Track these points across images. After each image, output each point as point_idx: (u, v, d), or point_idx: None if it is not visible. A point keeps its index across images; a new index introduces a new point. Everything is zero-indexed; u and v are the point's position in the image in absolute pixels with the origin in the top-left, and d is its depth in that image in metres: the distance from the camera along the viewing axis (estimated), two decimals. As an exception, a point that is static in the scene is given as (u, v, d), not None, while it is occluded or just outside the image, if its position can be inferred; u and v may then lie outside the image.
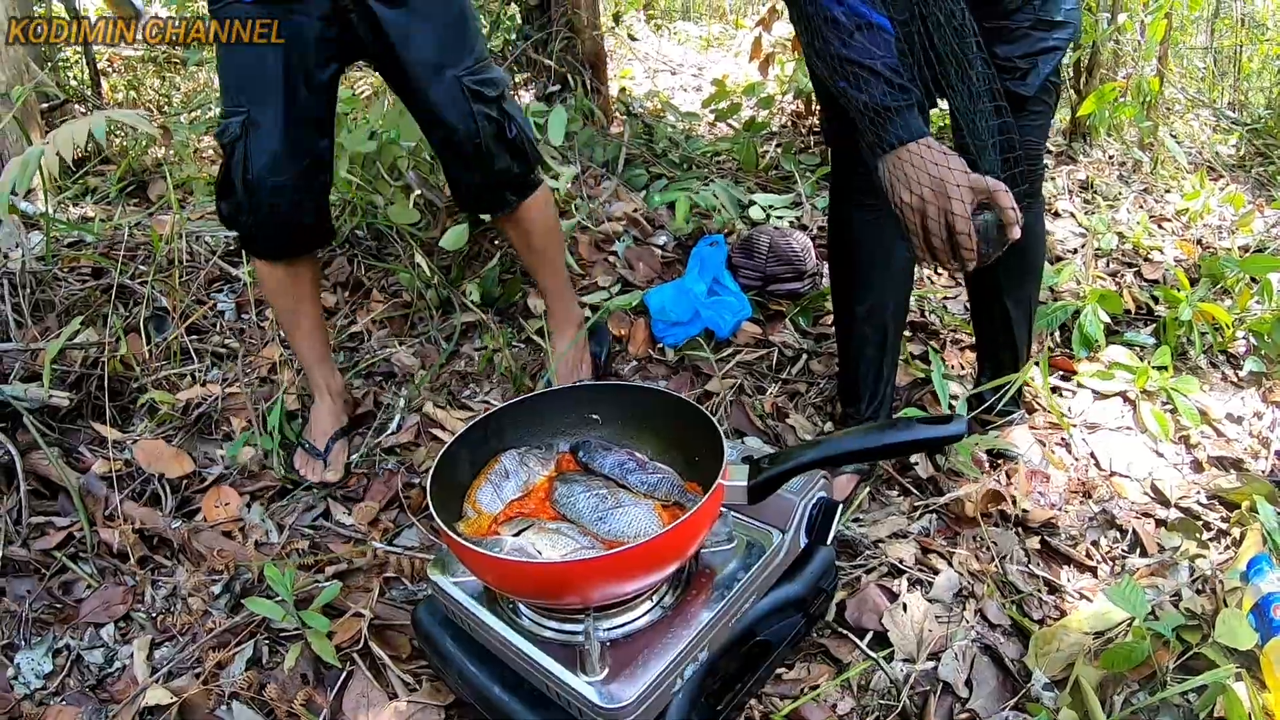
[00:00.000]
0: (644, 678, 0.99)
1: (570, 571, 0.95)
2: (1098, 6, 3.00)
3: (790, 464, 1.03)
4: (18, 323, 1.79)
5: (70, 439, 1.70)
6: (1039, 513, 1.57)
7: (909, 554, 1.49)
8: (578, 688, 0.98)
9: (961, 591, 1.42)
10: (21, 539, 1.49)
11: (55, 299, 1.88)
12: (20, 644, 1.36)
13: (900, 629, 1.33)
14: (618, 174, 2.66)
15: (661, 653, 1.02)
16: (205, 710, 1.26)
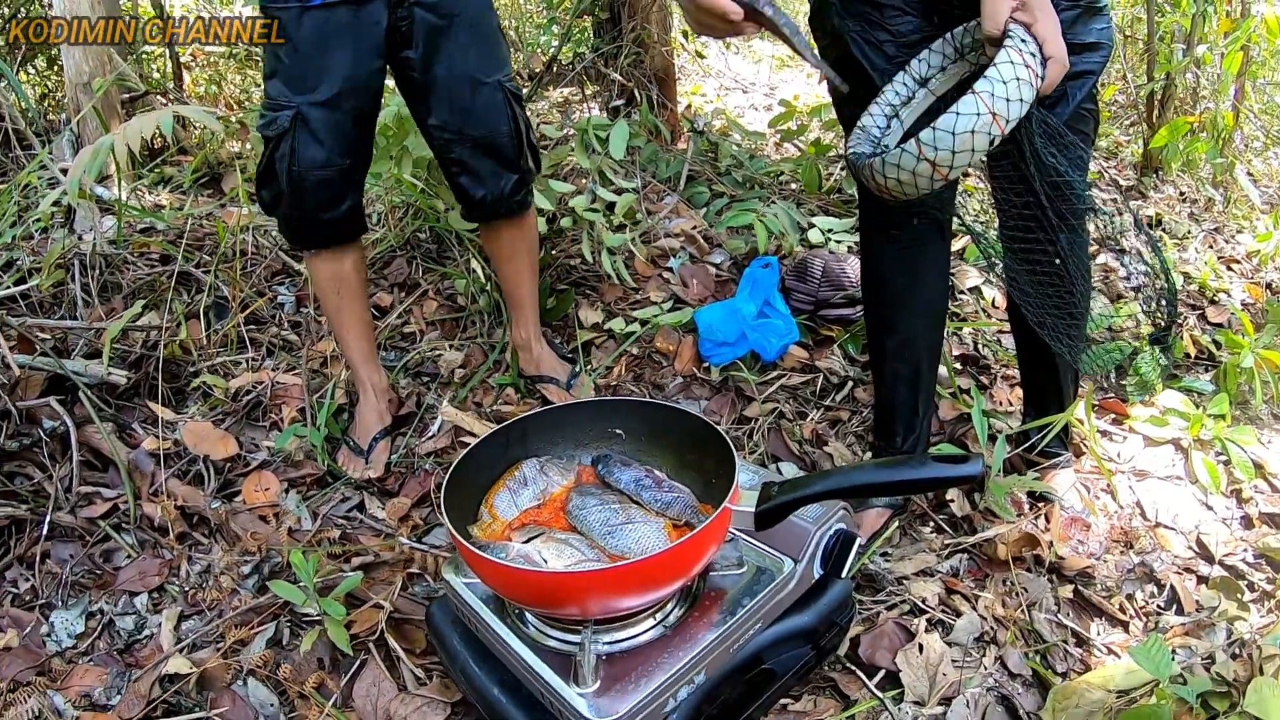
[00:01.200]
0: (636, 695, 0.99)
1: (566, 582, 0.97)
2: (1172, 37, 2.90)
3: (800, 493, 1.03)
4: (85, 302, 1.90)
5: (125, 415, 1.80)
6: (1075, 560, 1.52)
7: (933, 593, 1.46)
8: (568, 697, 0.99)
9: (983, 636, 1.38)
10: (70, 506, 1.57)
11: (123, 281, 1.99)
12: (57, 604, 1.44)
13: (913, 670, 1.31)
14: (679, 191, 2.68)
15: (657, 671, 1.02)
16: (222, 683, 1.31)
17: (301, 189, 1.55)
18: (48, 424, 1.66)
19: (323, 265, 1.69)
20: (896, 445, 1.63)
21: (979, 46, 1.20)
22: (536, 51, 3.18)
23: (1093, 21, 1.24)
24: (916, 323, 1.54)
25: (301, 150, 1.52)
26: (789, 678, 1.22)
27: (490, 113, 1.62)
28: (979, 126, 1.00)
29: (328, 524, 1.65)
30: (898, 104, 1.27)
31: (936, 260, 1.53)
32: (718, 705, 1.12)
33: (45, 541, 1.52)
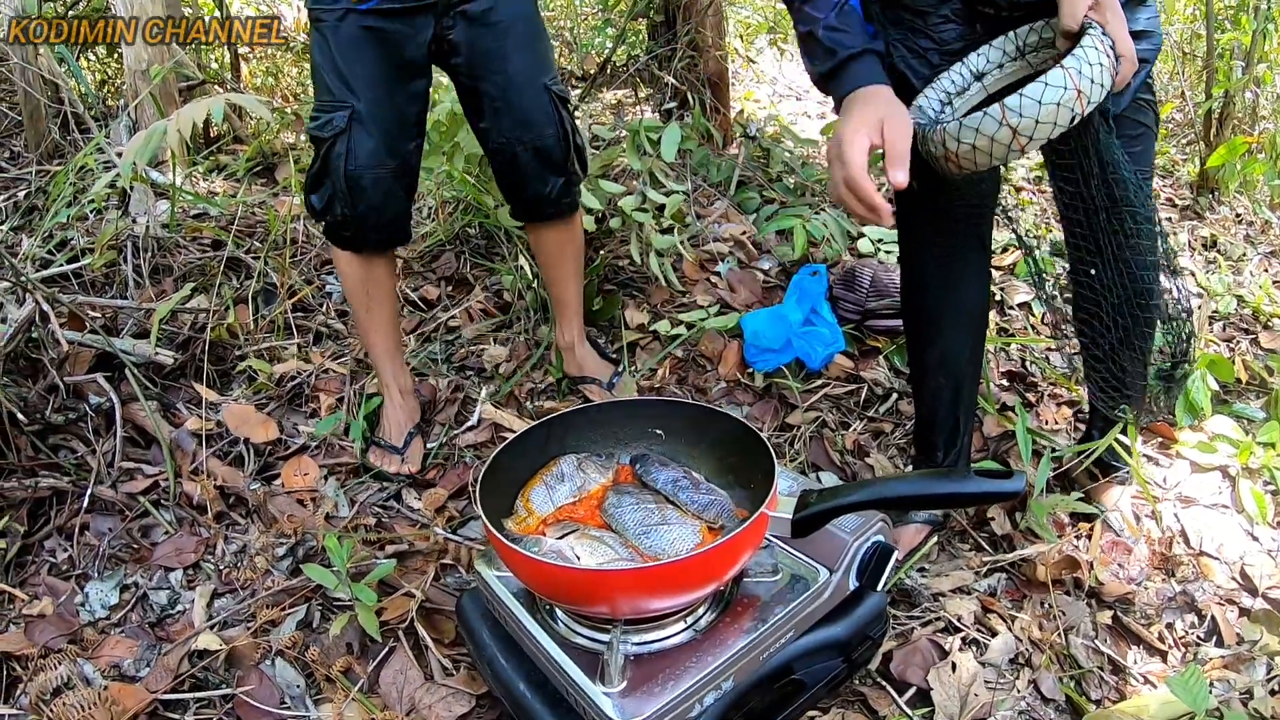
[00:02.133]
0: (661, 697, 0.97)
1: (597, 580, 0.95)
2: (1231, 55, 2.81)
3: (838, 502, 1.00)
4: (136, 283, 1.92)
5: (170, 395, 1.82)
6: (1115, 586, 1.46)
7: (969, 611, 1.41)
8: (594, 696, 0.97)
9: (1017, 659, 1.34)
10: (111, 481, 1.59)
11: (174, 265, 2.02)
12: (93, 576, 1.46)
13: (945, 688, 1.27)
14: (729, 195, 2.66)
15: (684, 675, 1.00)
16: (250, 662, 1.31)
17: (356, 189, 1.53)
18: (94, 400, 1.69)
19: (359, 267, 1.66)
20: (937, 460, 1.59)
21: (1042, 47, 1.21)
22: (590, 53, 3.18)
23: (1139, 11, 1.22)
24: (956, 336, 1.50)
25: (358, 148, 1.51)
26: (818, 689, 1.19)
27: (538, 116, 1.61)
28: (1064, 100, 1.02)
29: (364, 511, 1.65)
30: (953, 92, 1.26)
31: (977, 272, 1.49)
32: (745, 713, 1.10)
33: (85, 514, 1.54)
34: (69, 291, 1.87)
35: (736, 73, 3.74)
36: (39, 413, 1.62)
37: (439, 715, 1.24)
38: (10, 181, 2.23)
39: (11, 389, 1.61)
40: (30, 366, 1.69)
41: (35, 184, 2.19)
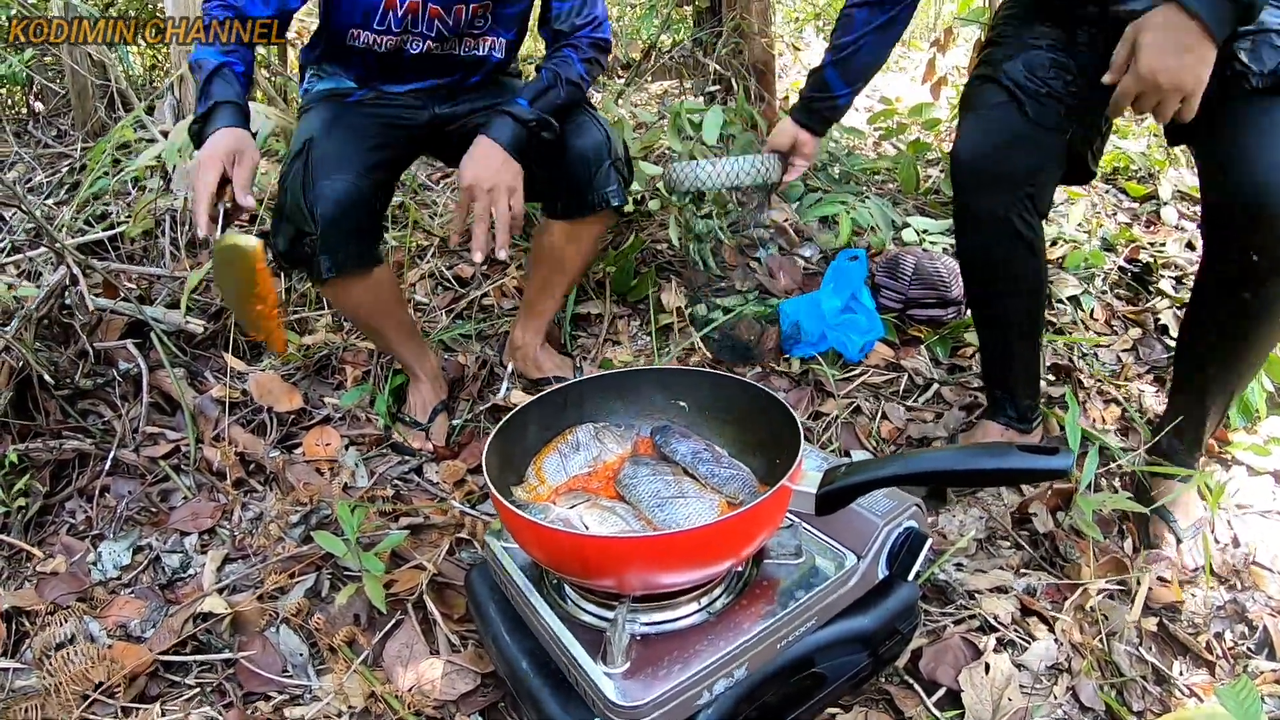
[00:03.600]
0: (667, 681, 0.88)
1: (602, 548, 0.86)
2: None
3: (867, 476, 0.89)
4: (173, 255, 1.90)
5: (198, 364, 1.78)
6: (1162, 592, 1.33)
7: (1006, 611, 1.29)
8: (594, 676, 0.89)
9: (1057, 665, 1.21)
10: (134, 445, 1.55)
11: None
12: (108, 536, 1.41)
13: (977, 691, 1.15)
14: (772, 182, 2.55)
15: (694, 659, 0.91)
16: (255, 628, 1.26)
17: (317, 196, 1.38)
18: (123, 366, 1.66)
19: (354, 290, 1.50)
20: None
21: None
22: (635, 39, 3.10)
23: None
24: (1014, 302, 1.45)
25: (315, 164, 1.39)
26: (840, 684, 1.09)
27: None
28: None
29: (383, 483, 1.59)
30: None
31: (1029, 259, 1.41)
32: (758, 706, 1.00)
33: (106, 476, 1.50)
34: (104, 258, 1.84)
35: (785, 66, 3.62)
36: (68, 377, 1.59)
37: (441, 692, 1.17)
38: (55, 157, 2.23)
39: (43, 353, 1.59)
40: (62, 332, 1.66)
41: (80, 161, 2.18)
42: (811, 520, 1.11)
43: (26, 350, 1.47)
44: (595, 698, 0.89)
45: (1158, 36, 1.04)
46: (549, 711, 0.97)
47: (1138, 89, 1.08)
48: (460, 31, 1.52)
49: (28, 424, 1.54)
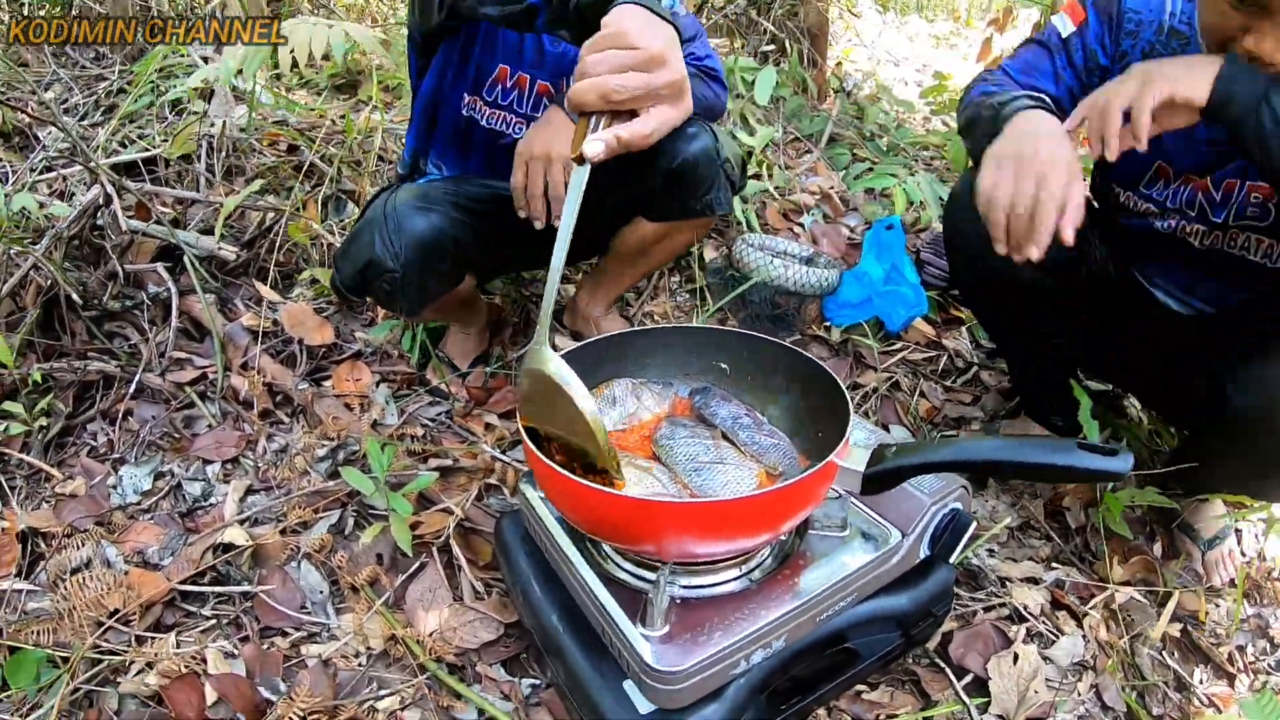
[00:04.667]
0: (706, 648, 0.83)
1: (639, 510, 0.80)
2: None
3: (919, 459, 0.83)
4: (209, 181, 1.83)
5: (230, 292, 1.72)
6: (1188, 599, 1.28)
7: (1036, 602, 1.25)
8: (632, 639, 0.84)
9: (1082, 662, 1.17)
10: (161, 369, 1.50)
11: (247, 166, 1.92)
12: (129, 460, 1.37)
13: (1003, 680, 1.11)
14: (820, 149, 2.47)
15: (734, 627, 0.86)
16: (276, 561, 1.22)
17: (395, 220, 1.30)
18: (152, 289, 1.60)
19: (423, 314, 1.47)
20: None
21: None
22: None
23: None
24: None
25: (399, 195, 1.33)
26: (872, 662, 1.05)
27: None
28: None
29: (413, 422, 1.53)
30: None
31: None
32: (789, 678, 0.96)
33: (131, 400, 1.45)
34: (139, 182, 1.77)
35: (836, 32, 3.50)
36: (97, 298, 1.53)
37: (462, 639, 1.13)
38: (92, 79, 2.15)
39: (72, 273, 1.53)
40: (93, 252, 1.60)
41: (116, 84, 2.10)
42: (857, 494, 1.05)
43: (55, 269, 1.41)
44: (631, 659, 0.85)
45: None
46: (579, 669, 0.92)
47: None
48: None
49: (53, 344, 1.49)
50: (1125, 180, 1.24)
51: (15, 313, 1.48)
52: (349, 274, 1.33)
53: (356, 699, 1.05)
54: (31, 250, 1.42)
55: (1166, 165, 1.18)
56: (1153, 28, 1.13)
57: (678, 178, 1.41)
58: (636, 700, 0.87)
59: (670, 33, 0.81)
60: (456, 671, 1.11)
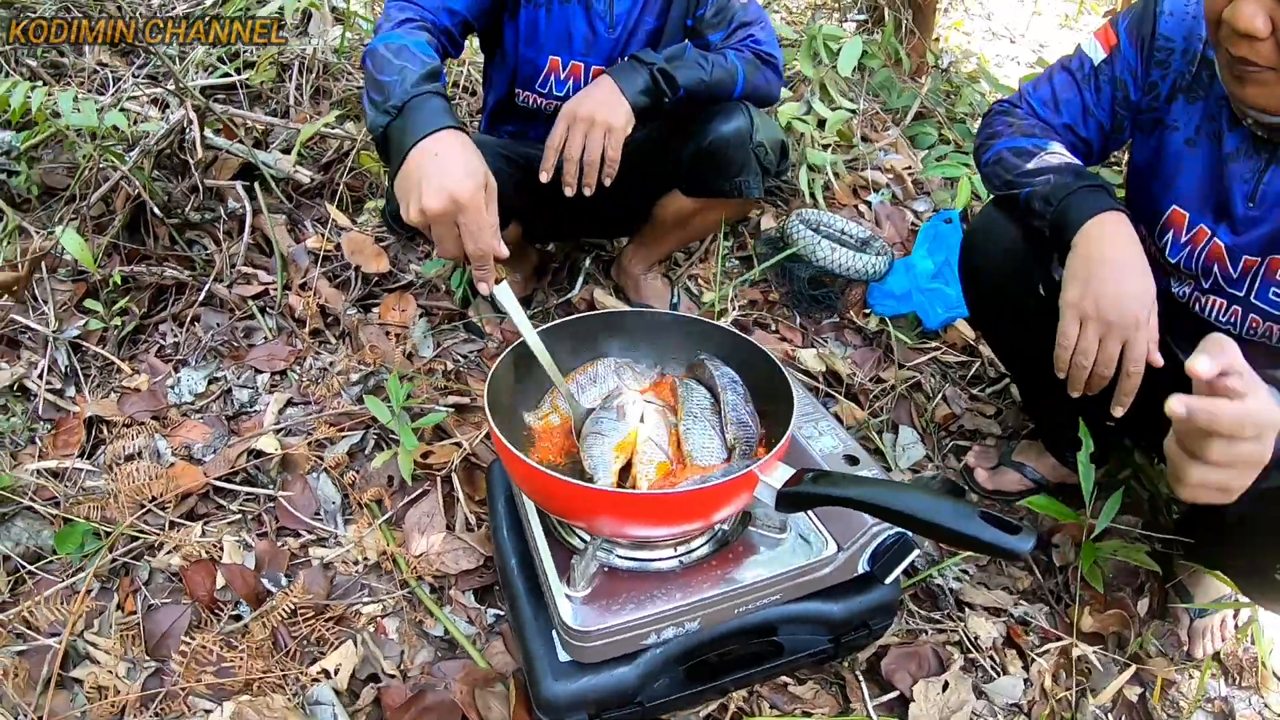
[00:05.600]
0: (619, 615, 0.98)
1: (568, 493, 0.93)
2: None
3: (827, 491, 0.91)
4: (296, 103, 2.02)
5: (301, 212, 1.93)
6: (1159, 664, 1.31)
7: (989, 634, 1.32)
8: (556, 594, 0.99)
9: (1018, 705, 1.23)
10: (229, 281, 1.73)
11: (335, 89, 2.10)
12: (190, 363, 1.60)
13: (928, 704, 1.19)
14: (904, 126, 2.46)
15: (649, 602, 1.00)
16: (300, 471, 1.43)
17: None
18: (231, 205, 1.81)
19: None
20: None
21: None
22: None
23: None
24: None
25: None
26: (799, 658, 1.16)
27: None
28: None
29: (445, 356, 1.70)
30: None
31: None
32: (717, 654, 1.09)
33: (200, 307, 1.69)
34: (235, 103, 1.98)
35: (950, 2, 3.37)
36: (179, 209, 1.77)
37: (444, 563, 1.31)
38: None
39: (159, 184, 1.76)
40: (180, 166, 1.83)
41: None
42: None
43: (143, 180, 1.63)
44: (554, 613, 1.00)
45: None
46: (520, 612, 1.09)
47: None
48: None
49: (137, 248, 1.73)
50: (1145, 218, 1.21)
51: (106, 215, 1.73)
52: (395, 209, 1.48)
53: (345, 601, 1.26)
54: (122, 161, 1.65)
55: (1182, 211, 1.16)
56: (1185, 57, 1.11)
57: (708, 157, 1.49)
58: (559, 650, 1.03)
59: (625, 110, 1.29)
60: (436, 592, 1.30)
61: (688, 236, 1.74)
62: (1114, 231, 1.06)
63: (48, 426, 1.47)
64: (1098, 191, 1.10)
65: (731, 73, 1.46)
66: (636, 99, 1.36)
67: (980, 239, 1.33)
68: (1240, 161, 1.07)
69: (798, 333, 1.88)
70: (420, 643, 1.24)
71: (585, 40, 1.49)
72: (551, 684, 1.01)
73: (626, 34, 1.50)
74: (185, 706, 1.10)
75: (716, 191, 1.56)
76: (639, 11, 1.49)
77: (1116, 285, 1.03)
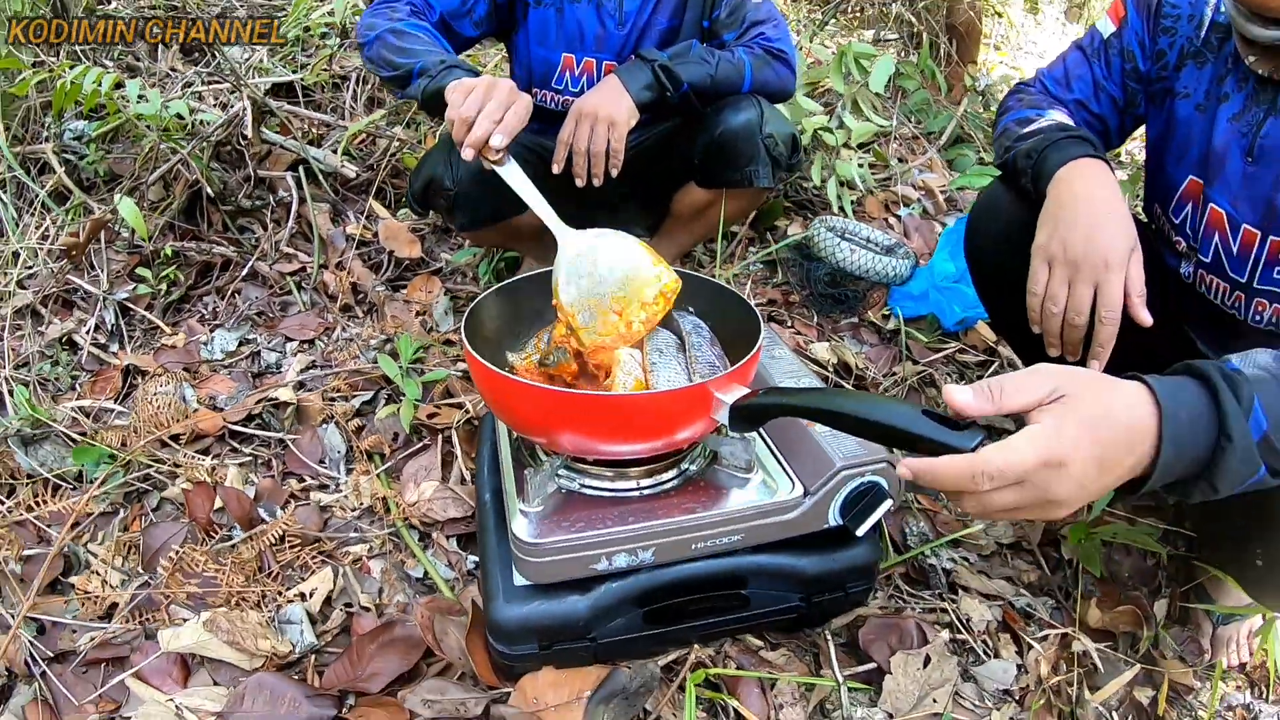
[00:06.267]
0: (569, 532, 0.99)
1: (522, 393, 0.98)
2: None
3: (777, 401, 0.92)
4: (350, 110, 2.20)
5: (345, 205, 2.08)
6: (1173, 667, 1.22)
7: (983, 618, 1.26)
8: (510, 508, 1.03)
9: (1008, 691, 1.17)
10: (272, 260, 1.87)
11: (387, 99, 2.27)
12: (225, 326, 1.74)
13: (905, 678, 1.14)
14: (939, 145, 2.48)
15: (599, 523, 1.01)
16: (311, 422, 1.52)
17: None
18: (281, 194, 1.98)
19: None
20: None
21: None
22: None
23: None
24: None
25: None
26: (767, 615, 1.15)
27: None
28: None
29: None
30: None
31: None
32: (677, 595, 1.09)
33: (242, 282, 1.83)
34: (283, 101, 2.18)
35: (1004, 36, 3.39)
36: (233, 195, 1.94)
37: (433, 510, 1.36)
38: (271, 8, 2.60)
39: (216, 172, 1.94)
40: (237, 156, 2.01)
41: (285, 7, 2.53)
42: (781, 444, 1.16)
43: (201, 167, 1.80)
44: (510, 530, 1.03)
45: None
46: (487, 542, 1.13)
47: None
48: None
49: (191, 229, 1.90)
50: (1162, 194, 1.20)
51: (164, 198, 1.90)
52: (417, 187, 1.60)
53: (335, 538, 1.32)
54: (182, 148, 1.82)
55: (1198, 180, 1.13)
56: (1192, 23, 1.11)
57: (718, 148, 1.56)
58: (514, 574, 1.06)
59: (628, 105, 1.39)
60: (423, 539, 1.35)
61: (705, 229, 1.79)
62: (1087, 174, 1.06)
63: (89, 376, 1.61)
64: (1078, 142, 1.10)
65: (739, 68, 1.54)
66: (640, 94, 1.45)
67: (982, 217, 1.34)
68: (1242, 119, 1.06)
69: (814, 329, 1.89)
70: (400, 585, 1.28)
71: (596, 37, 1.59)
72: (503, 606, 1.03)
73: (637, 31, 1.59)
74: (166, 615, 1.17)
75: (728, 181, 1.62)
76: (650, 11, 1.58)
77: (1086, 226, 1.02)
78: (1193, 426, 0.66)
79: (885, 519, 1.37)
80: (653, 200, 1.78)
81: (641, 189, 1.73)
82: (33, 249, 1.77)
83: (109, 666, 1.13)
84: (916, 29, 2.55)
